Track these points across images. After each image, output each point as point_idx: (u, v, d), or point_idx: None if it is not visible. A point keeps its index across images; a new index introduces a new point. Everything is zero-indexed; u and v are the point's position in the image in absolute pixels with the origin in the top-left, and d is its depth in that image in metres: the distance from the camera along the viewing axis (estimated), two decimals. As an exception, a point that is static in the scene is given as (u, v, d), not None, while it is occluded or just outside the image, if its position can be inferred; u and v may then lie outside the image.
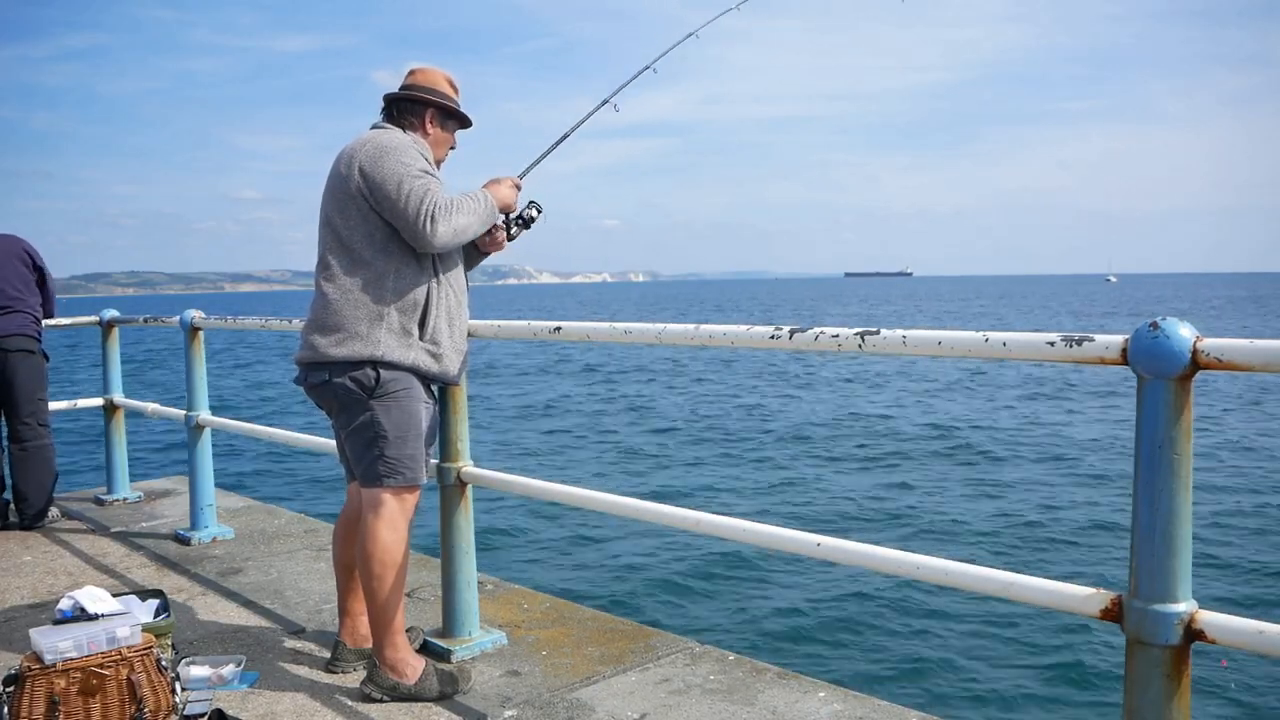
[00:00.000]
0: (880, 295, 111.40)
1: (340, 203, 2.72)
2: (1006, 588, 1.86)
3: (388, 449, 2.72)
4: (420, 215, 2.62)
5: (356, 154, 2.71)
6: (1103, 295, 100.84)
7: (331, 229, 2.74)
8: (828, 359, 26.56)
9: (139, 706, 2.48)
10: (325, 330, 2.71)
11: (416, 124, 2.87)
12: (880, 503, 10.28)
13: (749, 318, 58.66)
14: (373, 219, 2.69)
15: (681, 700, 2.74)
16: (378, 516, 2.75)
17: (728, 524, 2.37)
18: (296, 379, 2.85)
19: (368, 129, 2.86)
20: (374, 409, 2.70)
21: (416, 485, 2.81)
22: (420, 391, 2.78)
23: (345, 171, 2.71)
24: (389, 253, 2.69)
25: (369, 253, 2.69)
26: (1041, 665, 5.95)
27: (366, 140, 2.75)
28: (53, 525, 4.98)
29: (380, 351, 2.66)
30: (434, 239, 2.64)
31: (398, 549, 2.76)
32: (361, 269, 2.69)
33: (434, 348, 2.76)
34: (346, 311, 2.68)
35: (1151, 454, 1.60)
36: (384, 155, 2.67)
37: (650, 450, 13.94)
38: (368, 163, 2.67)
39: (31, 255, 5.06)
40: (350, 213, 2.70)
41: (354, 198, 2.69)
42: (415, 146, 2.76)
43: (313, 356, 2.73)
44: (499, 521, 9.25)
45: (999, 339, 1.83)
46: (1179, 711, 1.61)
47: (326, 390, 2.74)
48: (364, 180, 2.67)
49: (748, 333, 2.25)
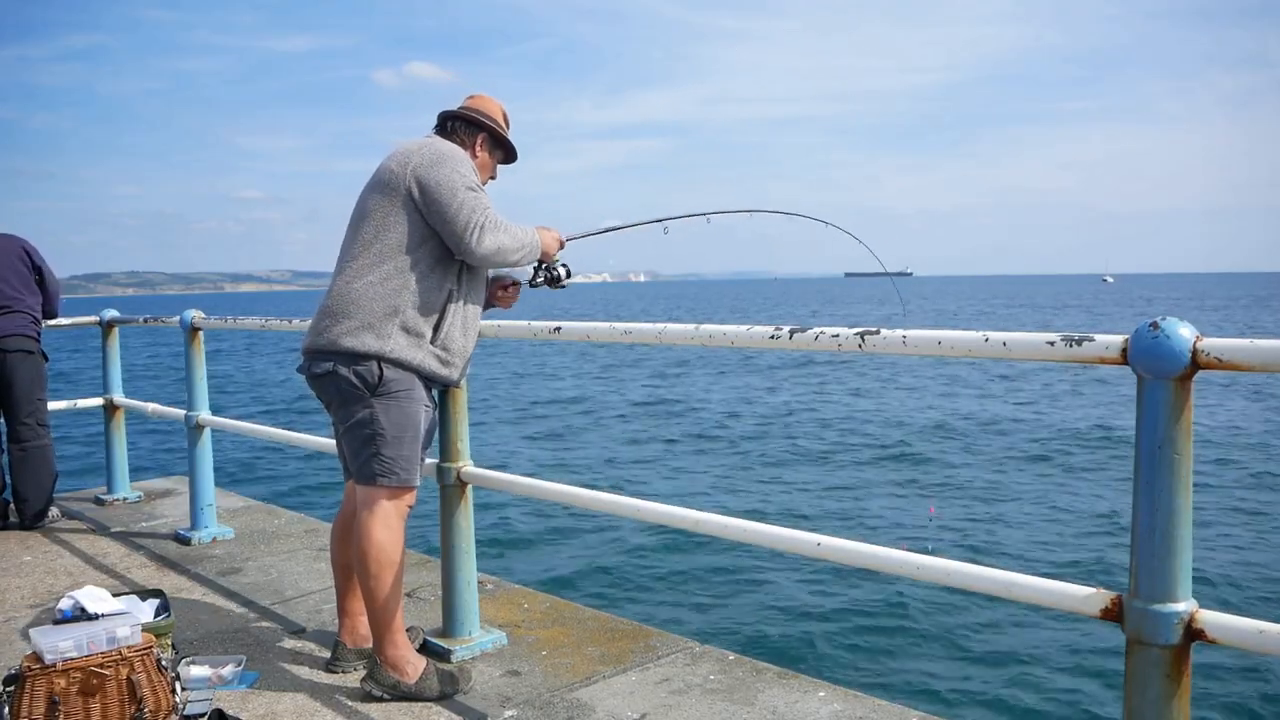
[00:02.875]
0: (892, 295, 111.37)
1: (385, 198, 2.73)
2: (1007, 588, 1.86)
3: (384, 448, 2.72)
4: (471, 223, 2.65)
5: (413, 155, 2.72)
6: (1106, 295, 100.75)
7: (369, 222, 2.74)
8: (829, 360, 26.56)
9: (139, 706, 2.48)
10: (339, 317, 2.71)
11: (467, 144, 2.90)
12: (880, 503, 10.29)
13: (799, 317, 58.68)
14: (415, 220, 2.70)
15: (681, 700, 2.74)
16: (372, 515, 2.75)
17: (728, 524, 2.37)
18: (300, 367, 2.84)
19: (419, 136, 2.88)
20: (374, 406, 2.70)
21: (411, 486, 2.81)
22: (421, 393, 2.77)
23: (397, 169, 2.72)
24: (419, 255, 2.71)
25: (400, 251, 2.70)
26: (1041, 665, 5.95)
27: (424, 144, 2.77)
28: (53, 525, 4.98)
29: (389, 348, 2.67)
30: (478, 249, 2.67)
31: (393, 548, 2.76)
32: (388, 264, 2.70)
33: (444, 354, 2.77)
34: (364, 303, 2.68)
35: (1151, 454, 1.60)
36: (441, 161, 2.70)
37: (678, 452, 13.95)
38: (424, 165, 2.69)
39: (31, 255, 5.05)
40: (393, 210, 2.71)
41: (401, 196, 2.70)
42: (469, 161, 2.80)
43: (321, 344, 2.73)
44: (499, 521, 9.25)
45: (999, 339, 1.83)
46: (1179, 711, 1.61)
47: (329, 381, 2.73)
48: (416, 181, 2.68)
49: (748, 333, 2.25)
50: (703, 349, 5.38)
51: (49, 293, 5.14)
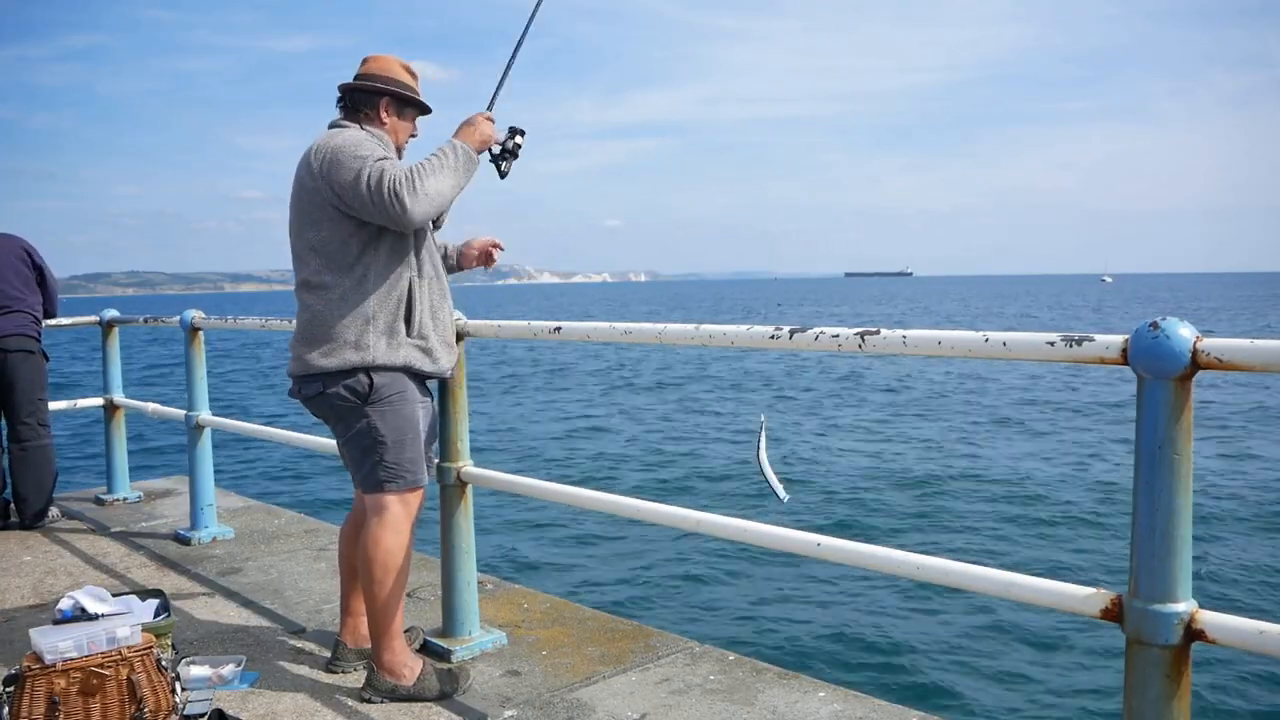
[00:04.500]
0: (895, 294, 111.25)
1: (310, 212, 2.68)
2: (1007, 588, 1.86)
3: (386, 454, 2.71)
4: (385, 197, 2.54)
5: (313, 162, 2.66)
6: (1109, 295, 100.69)
7: (304, 240, 2.71)
8: (825, 361, 26.56)
9: (139, 706, 2.48)
10: (313, 343, 2.69)
11: (373, 114, 2.80)
12: (879, 502, 10.28)
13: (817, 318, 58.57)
14: (345, 223, 2.65)
15: (682, 700, 2.74)
16: (382, 521, 2.75)
17: (728, 524, 2.37)
18: (291, 391, 2.84)
19: (325, 128, 2.81)
20: (370, 415, 2.69)
21: (419, 487, 2.81)
22: (414, 393, 2.76)
23: (311, 182, 2.67)
24: (365, 254, 2.66)
25: (346, 257, 2.66)
26: (1041, 665, 5.94)
27: (322, 145, 2.68)
28: (53, 525, 4.98)
29: (371, 357, 2.65)
30: (409, 214, 2.55)
31: (400, 553, 2.76)
32: (341, 275, 2.66)
33: (422, 342, 2.75)
34: (332, 321, 2.66)
35: (1151, 454, 1.60)
36: (339, 154, 2.61)
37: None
38: (327, 168, 2.62)
39: (31, 254, 5.05)
40: (321, 220, 2.66)
41: (323, 206, 2.65)
42: (371, 139, 2.69)
43: (304, 369, 2.72)
44: (499, 521, 9.25)
45: (999, 339, 1.83)
46: (1179, 711, 1.61)
47: (322, 401, 2.74)
48: (329, 186, 2.62)
49: (748, 333, 2.25)
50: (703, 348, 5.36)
51: (49, 292, 5.15)
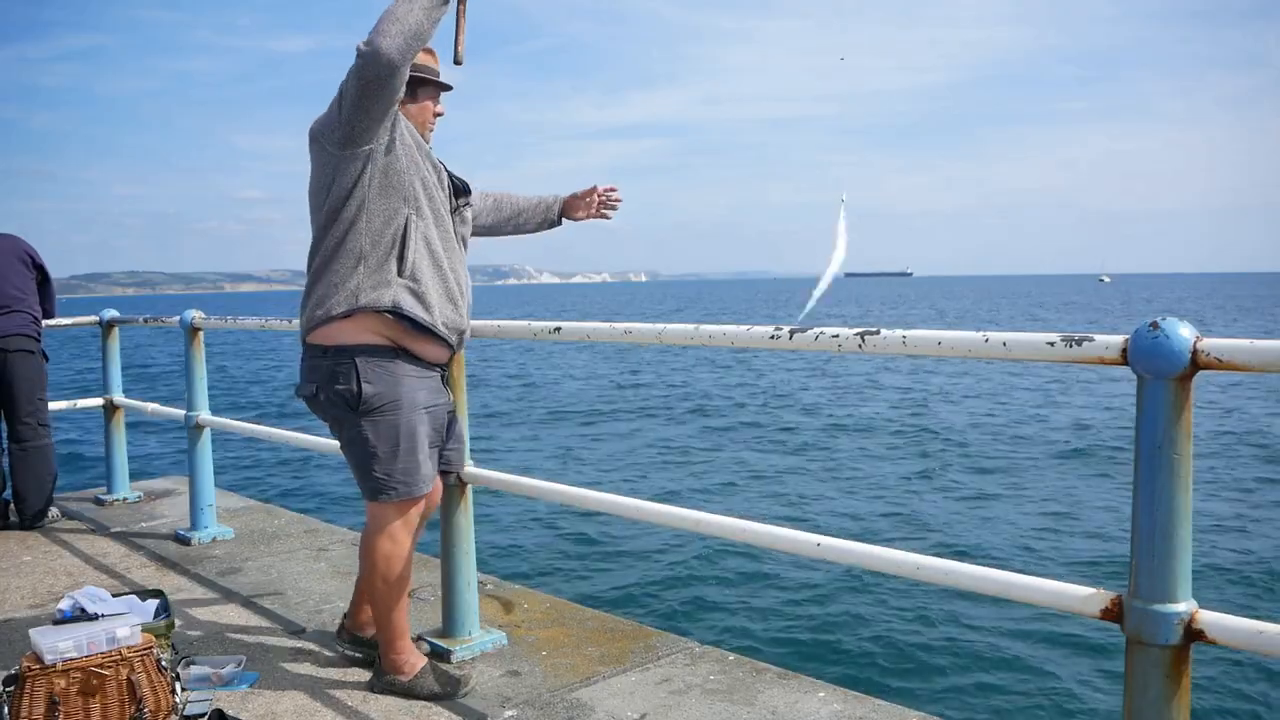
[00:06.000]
0: (900, 296, 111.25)
1: (317, 178, 2.67)
2: (1006, 588, 1.86)
3: (377, 466, 2.69)
4: (357, 60, 2.43)
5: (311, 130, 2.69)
6: (1111, 295, 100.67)
7: (315, 203, 2.69)
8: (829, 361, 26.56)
9: (139, 706, 2.48)
10: (308, 297, 2.68)
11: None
12: (879, 502, 10.28)
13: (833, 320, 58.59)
14: (344, 163, 2.58)
15: (682, 700, 2.74)
16: (378, 531, 2.77)
17: (728, 524, 2.37)
18: (295, 390, 2.84)
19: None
20: (361, 425, 2.67)
21: (414, 498, 2.76)
22: (411, 398, 2.68)
23: (312, 148, 2.68)
24: (355, 193, 2.59)
25: (338, 201, 2.60)
26: (1041, 665, 5.94)
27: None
28: (53, 525, 4.98)
29: (354, 297, 2.57)
30: (380, 49, 2.39)
31: (398, 562, 2.77)
32: (337, 224, 2.61)
33: (414, 285, 2.60)
34: (329, 267, 2.62)
35: (1151, 454, 1.60)
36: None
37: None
38: (318, 123, 2.64)
39: (31, 255, 5.06)
40: (321, 177, 2.65)
41: (323, 166, 2.63)
42: None
43: (304, 326, 2.69)
44: (499, 521, 9.25)
45: (999, 339, 1.83)
46: (1179, 712, 1.61)
47: (315, 405, 2.75)
48: (320, 132, 2.62)
49: (748, 333, 2.25)
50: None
51: (49, 293, 5.17)
